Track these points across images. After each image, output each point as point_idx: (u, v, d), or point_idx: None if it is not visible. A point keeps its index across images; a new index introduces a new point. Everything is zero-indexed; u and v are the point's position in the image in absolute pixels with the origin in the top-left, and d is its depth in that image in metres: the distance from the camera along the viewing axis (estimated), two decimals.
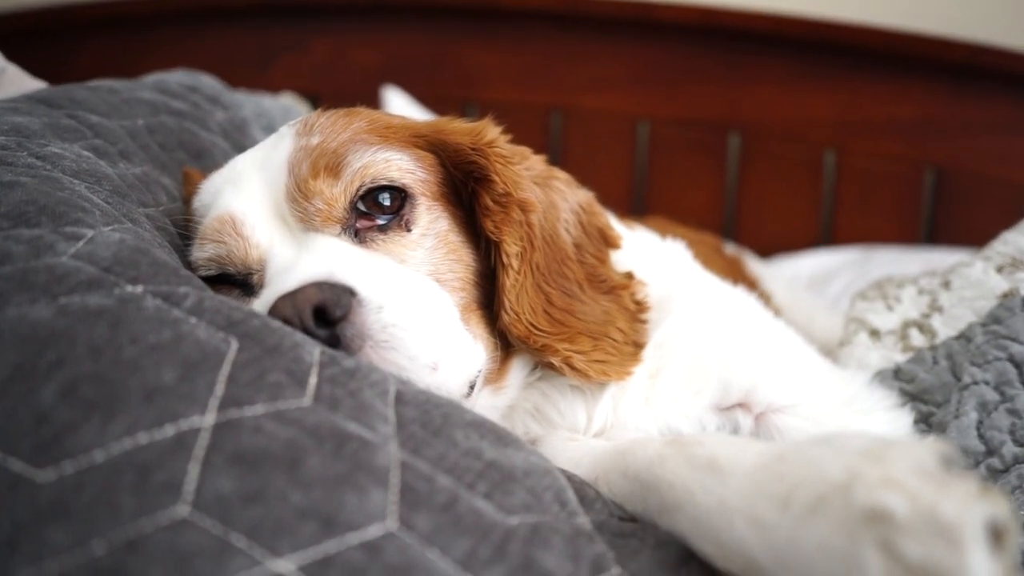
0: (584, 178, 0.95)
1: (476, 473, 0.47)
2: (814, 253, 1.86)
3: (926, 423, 0.90)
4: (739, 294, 0.87)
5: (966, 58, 1.83)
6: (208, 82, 1.20)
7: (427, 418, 0.49)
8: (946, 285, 1.09)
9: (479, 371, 0.69)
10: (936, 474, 0.39)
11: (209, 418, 0.44)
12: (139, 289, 0.50)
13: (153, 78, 1.14)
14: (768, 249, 1.91)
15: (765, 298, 1.06)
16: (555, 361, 0.70)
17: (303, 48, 2.24)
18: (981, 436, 0.82)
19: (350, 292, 0.60)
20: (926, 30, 1.88)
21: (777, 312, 1.00)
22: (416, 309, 0.64)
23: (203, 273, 0.69)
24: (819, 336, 1.16)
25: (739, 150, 2.02)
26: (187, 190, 0.83)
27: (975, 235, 1.68)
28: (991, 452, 0.81)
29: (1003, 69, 1.81)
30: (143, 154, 0.85)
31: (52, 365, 0.44)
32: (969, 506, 0.37)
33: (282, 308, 0.58)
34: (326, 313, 0.58)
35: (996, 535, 0.37)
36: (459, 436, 0.49)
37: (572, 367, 0.70)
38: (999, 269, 1.05)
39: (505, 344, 0.72)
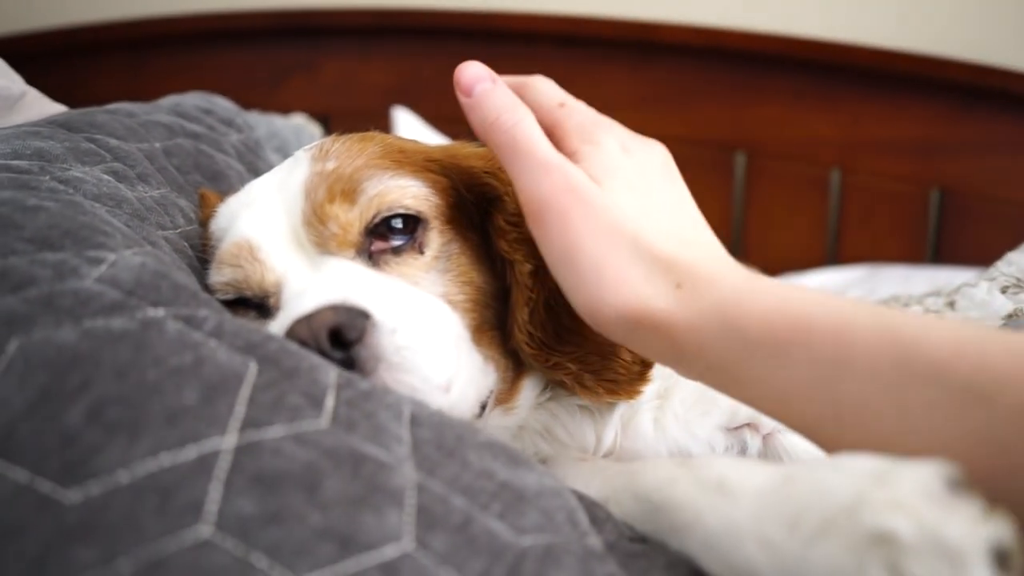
0: None
1: (490, 494, 0.48)
2: (820, 271, 1.87)
3: None
4: None
5: (971, 78, 1.85)
6: (223, 104, 1.22)
7: (441, 439, 0.51)
8: (951, 305, 1.10)
9: (490, 392, 0.70)
10: (942, 496, 0.39)
11: (230, 440, 0.45)
12: (160, 312, 0.52)
13: (169, 100, 1.16)
14: (774, 267, 1.92)
15: None
16: (566, 379, 0.71)
17: (314, 69, 2.27)
18: None
19: (364, 315, 0.61)
20: (931, 51, 1.89)
21: None
22: (428, 331, 0.65)
23: (221, 297, 0.71)
24: None
25: (745, 169, 2.04)
26: (204, 212, 0.85)
27: (980, 254, 1.69)
28: None
29: (1008, 89, 1.82)
30: (160, 176, 0.87)
31: (78, 387, 0.45)
32: (974, 529, 0.37)
33: (298, 331, 0.59)
34: (341, 336, 0.59)
35: (1001, 558, 0.37)
36: (472, 457, 0.50)
37: (583, 385, 0.71)
38: (1003, 290, 1.06)
39: (516, 364, 0.73)
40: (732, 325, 0.54)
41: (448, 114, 2.14)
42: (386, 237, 0.70)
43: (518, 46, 2.12)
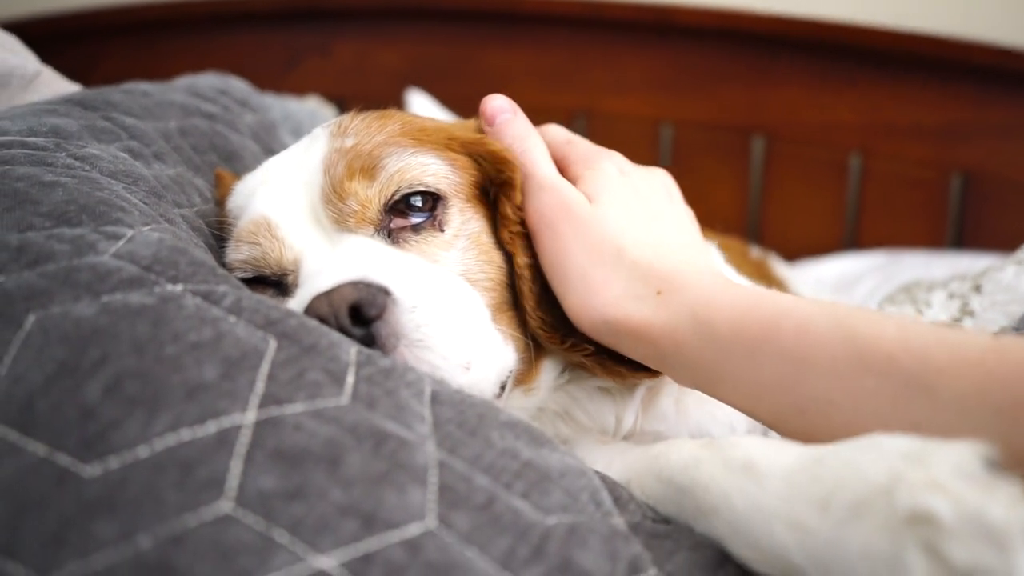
0: None
1: (513, 473, 0.47)
2: (840, 257, 1.84)
3: None
4: None
5: (992, 61, 1.81)
6: (238, 85, 1.21)
7: (463, 418, 0.50)
8: (977, 289, 1.08)
9: (510, 372, 0.69)
10: (980, 477, 0.38)
11: (250, 415, 0.44)
12: (179, 288, 0.51)
13: (184, 81, 1.15)
14: (793, 252, 1.90)
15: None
16: (586, 361, 0.70)
17: (327, 51, 2.26)
18: None
19: (384, 292, 0.60)
20: (952, 33, 1.86)
21: None
22: (448, 309, 0.64)
23: (239, 275, 0.70)
24: None
25: (763, 153, 2.01)
26: (220, 192, 0.84)
27: (1003, 239, 1.66)
28: None
29: None
30: (176, 156, 0.86)
31: (96, 362, 0.45)
32: (1017, 509, 0.36)
33: (318, 307, 0.58)
34: (361, 312, 0.58)
35: None
36: (495, 436, 0.49)
37: (603, 366, 0.70)
38: None
39: (536, 345, 0.72)
40: (705, 327, 0.60)
41: (462, 96, 2.14)
42: (405, 215, 0.69)
43: (535, 28, 2.10)
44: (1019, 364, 0.47)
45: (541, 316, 0.69)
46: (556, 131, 0.79)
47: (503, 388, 0.68)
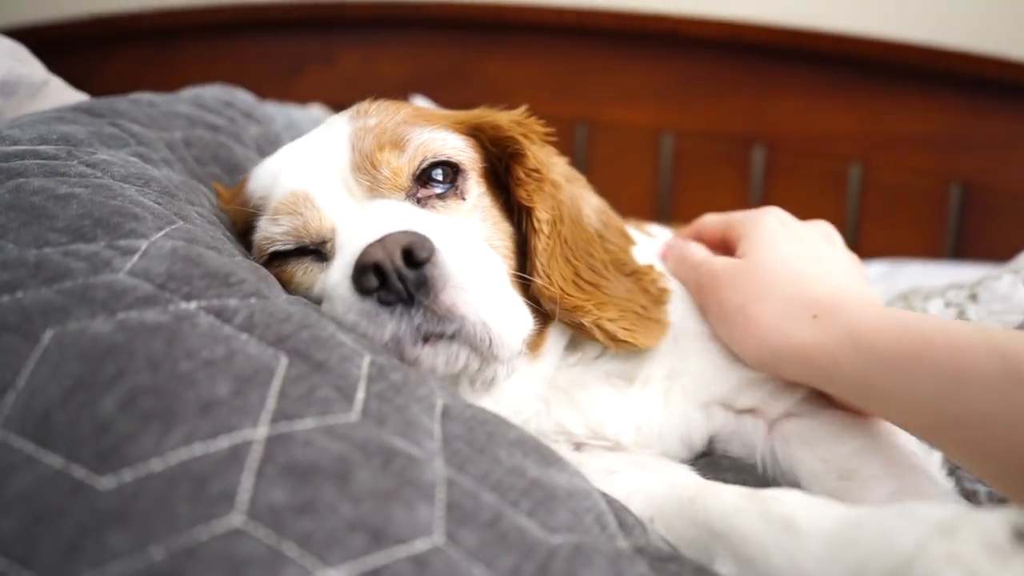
0: (609, 189, 0.97)
1: (520, 491, 0.48)
2: None
3: None
4: None
5: (991, 72, 1.83)
6: (243, 97, 1.22)
7: (472, 435, 0.51)
8: (973, 298, 1.09)
9: (528, 332, 0.72)
10: (1003, 548, 0.39)
11: (262, 431, 0.45)
12: (192, 306, 0.52)
13: (190, 92, 1.17)
14: None
15: None
16: (586, 322, 0.74)
17: (331, 59, 2.27)
18: None
19: (430, 239, 0.64)
20: (951, 44, 1.87)
21: None
22: (482, 263, 0.69)
23: (279, 247, 0.74)
24: None
25: (763, 163, 2.02)
26: (221, 203, 0.85)
27: (1002, 249, 1.67)
28: None
29: None
30: (180, 166, 0.87)
31: (112, 377, 0.46)
32: None
33: (373, 252, 0.62)
34: (413, 255, 0.62)
35: None
36: (503, 454, 0.50)
37: (602, 328, 0.74)
38: None
39: (540, 317, 0.76)
40: (862, 344, 0.64)
41: (464, 104, 2.14)
42: (429, 186, 0.75)
43: (537, 37, 2.11)
44: None
45: (548, 274, 0.74)
46: (710, 217, 0.91)
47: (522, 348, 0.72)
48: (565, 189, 0.82)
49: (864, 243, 1.96)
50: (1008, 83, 1.81)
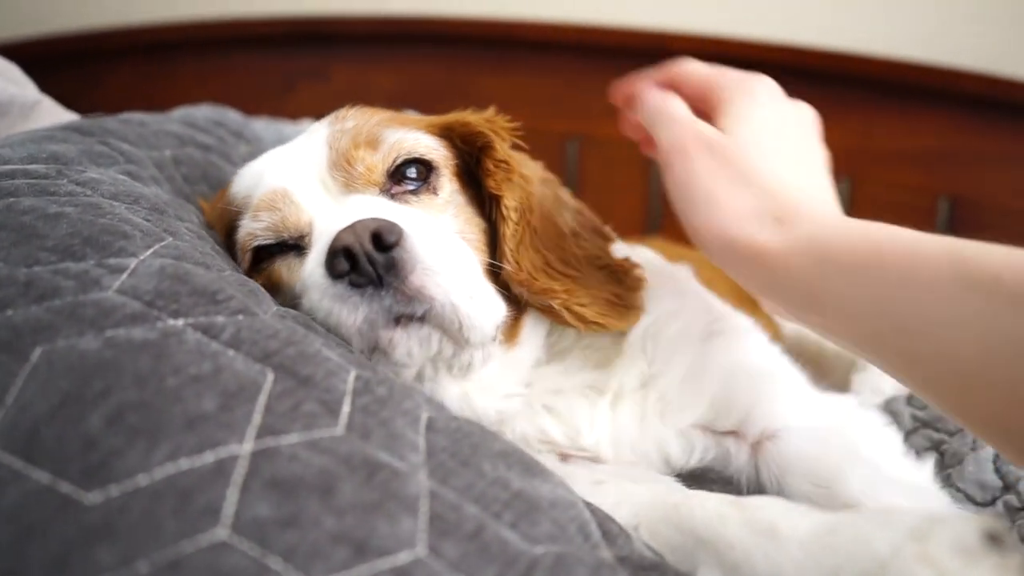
0: (600, 204, 0.98)
1: (503, 502, 0.48)
2: None
3: (938, 451, 0.90)
4: (738, 316, 0.89)
5: (981, 89, 1.84)
6: (233, 116, 1.23)
7: (457, 447, 0.51)
8: None
9: (501, 318, 0.74)
10: (974, 550, 0.40)
11: (247, 446, 0.46)
12: (180, 323, 0.53)
13: (180, 112, 1.18)
14: None
15: (772, 322, 1.07)
16: (555, 304, 0.75)
17: (324, 75, 2.28)
18: (998, 471, 0.82)
19: (399, 225, 0.66)
20: (940, 61, 1.89)
21: (780, 336, 1.02)
22: (452, 249, 0.72)
23: (261, 243, 0.76)
24: (831, 362, 1.17)
25: None
26: (207, 218, 0.86)
27: None
28: (1008, 488, 0.81)
29: (1018, 100, 1.82)
30: (169, 185, 0.88)
31: (100, 393, 0.46)
32: None
33: (344, 237, 0.64)
34: (382, 238, 0.64)
35: None
36: (487, 466, 0.51)
37: (571, 310, 0.75)
38: None
39: (514, 308, 0.77)
40: (817, 249, 0.62)
41: None
42: (402, 183, 0.78)
43: (528, 53, 2.13)
44: None
45: (517, 260, 0.76)
46: (695, 66, 0.85)
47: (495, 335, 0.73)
48: (536, 185, 0.85)
49: None
50: (997, 100, 1.83)
